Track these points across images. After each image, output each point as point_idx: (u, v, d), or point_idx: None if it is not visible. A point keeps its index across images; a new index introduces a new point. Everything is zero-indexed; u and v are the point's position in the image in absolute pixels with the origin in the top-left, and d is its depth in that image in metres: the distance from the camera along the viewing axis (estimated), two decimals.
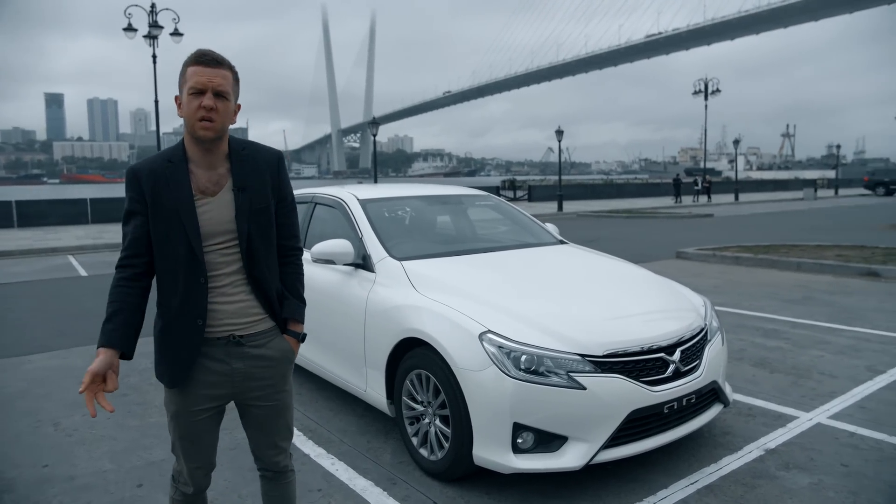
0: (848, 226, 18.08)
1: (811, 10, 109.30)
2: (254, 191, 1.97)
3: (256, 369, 2.03)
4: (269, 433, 2.14)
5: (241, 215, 1.94)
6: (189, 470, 2.08)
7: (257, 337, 2.03)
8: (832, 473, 3.20)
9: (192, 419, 2.02)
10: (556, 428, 2.80)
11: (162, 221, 1.89)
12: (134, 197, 1.91)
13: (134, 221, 1.91)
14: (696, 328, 3.34)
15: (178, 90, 1.90)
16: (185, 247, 1.90)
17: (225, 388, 2.02)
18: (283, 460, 2.21)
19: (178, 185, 1.89)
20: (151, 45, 22.58)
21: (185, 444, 2.05)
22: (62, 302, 8.29)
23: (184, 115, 1.88)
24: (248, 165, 1.99)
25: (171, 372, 1.97)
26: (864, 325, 6.16)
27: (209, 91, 1.84)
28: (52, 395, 4.61)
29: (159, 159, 1.94)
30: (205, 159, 1.94)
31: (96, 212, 22.13)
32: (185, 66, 1.88)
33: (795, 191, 46.22)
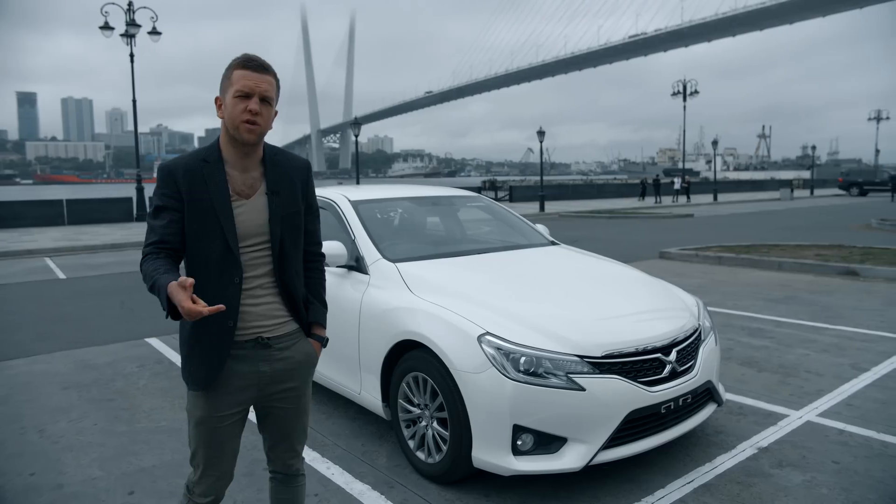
0: (825, 225, 18.41)
1: (785, 14, 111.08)
2: (286, 195, 2.00)
3: (282, 372, 2.03)
4: (288, 436, 2.14)
5: (275, 219, 1.96)
6: (210, 480, 2.04)
7: (283, 339, 2.02)
8: (824, 471, 3.24)
9: (218, 425, 1.98)
10: (555, 429, 2.80)
11: (197, 220, 1.88)
12: (168, 193, 1.89)
13: (167, 216, 1.88)
14: (691, 328, 3.37)
15: (221, 92, 1.92)
16: (221, 246, 1.89)
17: (250, 392, 2.01)
18: (297, 463, 2.21)
19: (215, 184, 1.90)
20: (129, 43, 22.26)
21: (209, 452, 2.01)
22: (41, 305, 8.12)
23: (226, 116, 1.89)
24: (281, 171, 2.01)
25: (200, 374, 1.94)
26: (846, 324, 6.26)
27: (255, 95, 1.86)
28: (35, 400, 4.51)
29: (194, 158, 1.93)
30: (241, 162, 1.95)
31: (73, 213, 21.71)
32: (231, 69, 1.89)
33: (772, 191, 46.92)
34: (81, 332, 6.53)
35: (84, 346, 5.98)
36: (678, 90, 39.71)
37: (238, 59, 1.90)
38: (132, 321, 7.05)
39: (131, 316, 7.35)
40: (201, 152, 1.95)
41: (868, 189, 40.94)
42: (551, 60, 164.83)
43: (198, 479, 2.04)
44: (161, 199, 1.89)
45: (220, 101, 1.92)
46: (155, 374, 5.06)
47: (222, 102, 1.91)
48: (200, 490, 2.05)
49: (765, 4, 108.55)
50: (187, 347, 1.97)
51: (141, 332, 6.44)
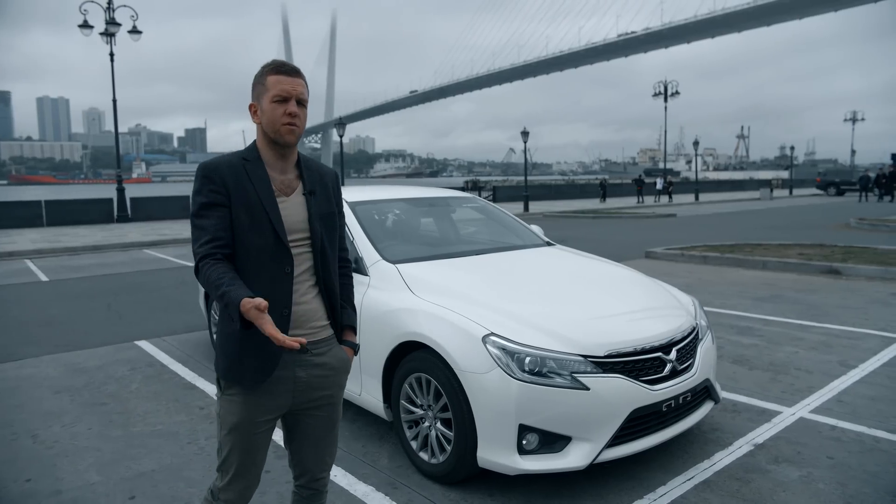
0: (805, 225, 18.70)
1: (763, 16, 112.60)
2: (322, 196, 2.04)
3: (317, 378, 2.02)
4: (320, 447, 2.11)
5: (314, 217, 2.00)
6: (239, 487, 2.00)
7: (320, 345, 2.02)
8: (819, 466, 3.30)
9: (255, 431, 1.96)
10: (560, 428, 2.83)
11: (245, 213, 1.89)
12: (215, 189, 1.89)
13: (216, 213, 1.88)
14: (689, 327, 3.41)
15: (255, 99, 1.96)
16: (270, 237, 1.91)
17: (285, 398, 1.99)
18: (326, 477, 2.18)
19: (259, 180, 1.93)
20: (109, 42, 21.95)
21: (243, 459, 1.97)
22: (25, 309, 7.99)
23: (265, 121, 1.93)
24: (315, 174, 2.06)
25: (256, 368, 1.91)
26: (831, 322, 6.38)
27: (293, 98, 1.92)
28: (25, 405, 4.44)
29: (234, 157, 1.96)
30: (278, 163, 1.99)
31: (52, 214, 21.36)
32: (264, 75, 1.93)
33: (752, 191, 47.57)
34: (69, 336, 6.44)
35: (72, 349, 5.90)
36: (659, 91, 40.09)
37: (270, 66, 1.95)
38: (120, 324, 6.96)
39: (119, 319, 7.25)
40: (240, 153, 1.99)
41: (845, 189, 41.69)
42: (533, 61, 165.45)
43: (226, 484, 2.00)
44: (208, 196, 1.89)
45: (256, 107, 1.96)
46: (147, 378, 5.01)
47: (258, 108, 1.95)
48: (227, 497, 2.01)
49: (742, 6, 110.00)
50: (237, 344, 1.91)
51: (130, 335, 6.36)
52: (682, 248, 11.76)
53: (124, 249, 15.01)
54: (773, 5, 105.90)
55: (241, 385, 1.94)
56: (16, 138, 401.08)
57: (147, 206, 23.41)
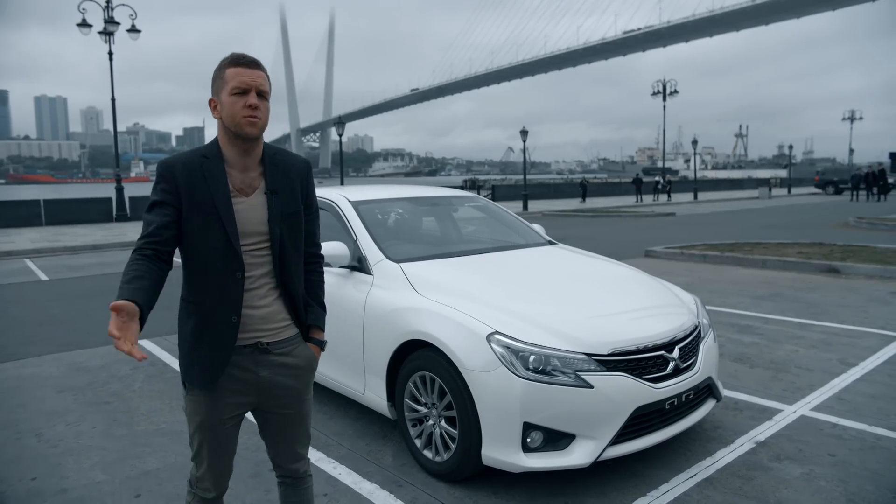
0: (804, 223, 18.74)
1: (761, 15, 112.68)
2: (285, 195, 1.99)
3: (282, 377, 2.03)
4: (290, 441, 2.14)
5: (274, 218, 1.95)
6: (214, 475, 2.07)
7: (283, 344, 2.02)
8: (821, 463, 3.32)
9: (221, 427, 2.00)
10: (564, 426, 2.84)
11: (199, 214, 1.87)
12: (166, 188, 1.88)
13: (162, 210, 1.87)
14: (691, 326, 3.43)
15: (215, 93, 1.92)
16: (222, 240, 1.88)
17: (251, 396, 2.01)
18: (303, 466, 2.21)
19: (214, 179, 1.89)
20: (107, 41, 21.93)
21: (213, 454, 2.03)
22: (26, 308, 7.99)
23: (224, 115, 1.89)
24: (280, 170, 2.01)
25: (204, 372, 1.93)
26: (831, 320, 6.40)
27: (252, 90, 1.87)
28: (28, 405, 4.45)
29: (194, 154, 1.94)
30: (240, 160, 1.94)
31: (50, 213, 21.35)
32: (222, 68, 1.90)
33: (750, 189, 47.61)
34: (70, 335, 6.45)
35: (74, 348, 5.91)
36: (658, 90, 40.15)
37: (228, 58, 1.90)
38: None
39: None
40: (201, 149, 1.95)
41: (843, 188, 41.71)
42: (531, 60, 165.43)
43: (202, 474, 2.07)
44: (158, 195, 1.88)
45: (216, 102, 1.91)
46: (150, 377, 5.02)
47: (217, 103, 1.91)
48: (206, 485, 2.08)
49: (740, 6, 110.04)
50: (189, 346, 1.95)
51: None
52: (682, 247, 11.79)
53: (124, 248, 15.00)
54: (771, 4, 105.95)
55: (192, 385, 1.97)
56: (13, 137, 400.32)
57: (146, 205, 23.34)
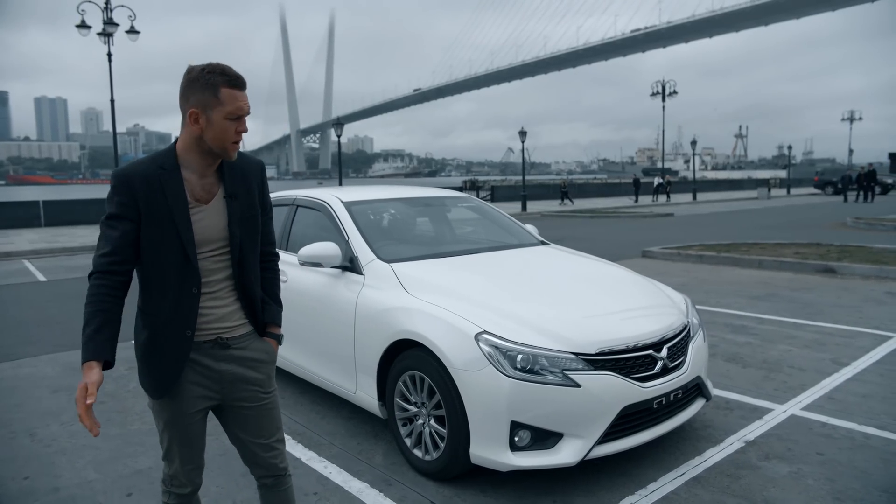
0: (802, 224, 18.76)
1: (760, 16, 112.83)
2: (244, 198, 2.01)
3: (243, 370, 2.06)
4: (263, 434, 2.14)
5: (234, 223, 1.97)
6: (186, 472, 2.09)
7: (241, 339, 2.06)
8: (809, 462, 3.34)
9: (187, 423, 2.02)
10: (551, 425, 2.86)
11: (155, 228, 1.86)
12: (124, 201, 1.85)
13: (122, 226, 1.85)
14: (680, 325, 3.45)
15: (200, 106, 1.85)
16: (178, 254, 1.89)
17: (213, 390, 2.04)
18: (282, 461, 2.21)
19: (173, 193, 1.88)
20: (106, 42, 21.95)
21: (183, 449, 2.05)
22: (24, 309, 8.02)
23: (211, 133, 1.87)
24: (237, 173, 2.02)
25: (156, 383, 1.96)
26: (825, 320, 6.42)
27: (245, 116, 1.90)
28: (24, 405, 4.47)
29: (151, 165, 1.89)
30: (201, 168, 1.94)
31: (49, 214, 21.42)
32: (216, 86, 1.84)
33: (749, 190, 47.65)
34: (67, 336, 6.46)
35: (70, 349, 5.92)
36: (657, 91, 40.18)
37: (222, 77, 1.85)
38: None
39: None
40: (158, 159, 1.91)
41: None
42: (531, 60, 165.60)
43: (174, 472, 2.09)
44: (116, 208, 1.85)
45: (198, 115, 1.85)
46: None
47: (203, 117, 1.85)
48: (178, 482, 2.10)
49: (740, 6, 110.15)
50: (142, 355, 1.96)
51: (127, 335, 6.28)
52: (679, 248, 11.81)
53: None
54: (771, 5, 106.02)
55: (151, 394, 1.99)
56: (13, 138, 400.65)
57: None
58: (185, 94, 1.88)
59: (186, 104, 1.87)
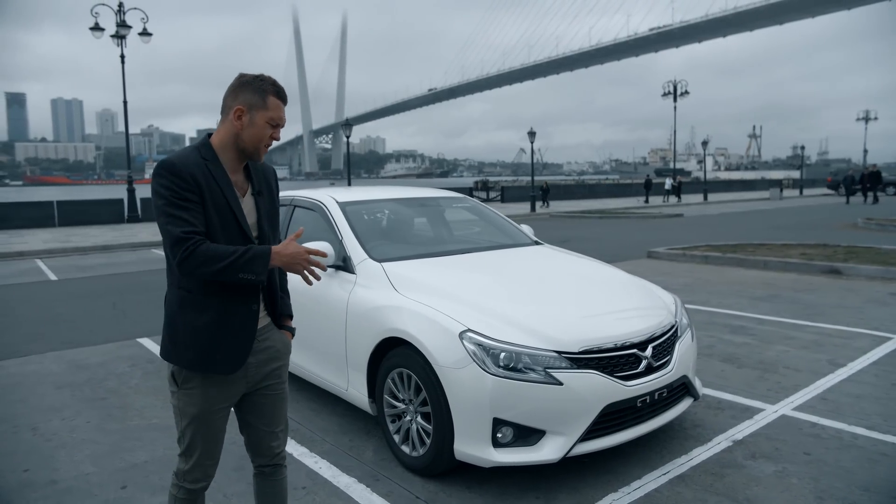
0: (812, 225, 18.62)
1: (774, 15, 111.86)
2: (266, 196, 2.16)
3: (264, 360, 2.17)
4: (273, 423, 2.25)
5: (262, 217, 2.13)
6: (204, 468, 2.15)
7: (262, 331, 2.16)
8: (795, 461, 3.36)
9: (213, 417, 2.09)
10: (534, 422, 2.91)
11: (216, 214, 1.98)
12: (187, 186, 1.92)
13: (194, 207, 1.92)
14: (667, 325, 3.48)
15: (247, 107, 2.01)
16: (239, 236, 2.02)
17: (241, 384, 2.13)
18: (283, 449, 2.31)
19: (223, 181, 2.01)
20: (119, 44, 22.22)
21: (206, 444, 2.11)
22: (33, 307, 8.17)
23: (249, 133, 2.02)
24: (260, 174, 2.17)
25: (230, 358, 2.04)
26: (825, 321, 6.40)
27: (280, 126, 2.08)
28: (27, 400, 4.58)
29: (195, 155, 2.00)
30: (232, 164, 2.07)
31: (63, 214, 21.69)
32: (266, 92, 2.02)
33: (762, 191, 47.30)
34: (73, 333, 6.59)
35: (76, 346, 6.04)
36: (668, 91, 40.00)
37: (272, 87, 2.04)
38: (124, 322, 7.11)
39: (123, 317, 7.40)
40: (198, 151, 2.01)
41: (855, 189, 41.32)
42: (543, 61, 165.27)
43: (190, 468, 2.13)
44: (181, 194, 1.91)
45: (243, 113, 2.01)
46: (147, 374, 5.13)
47: (247, 116, 2.01)
48: (193, 477, 2.15)
49: (753, 6, 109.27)
50: (208, 336, 2.00)
51: (133, 333, 6.50)
52: (684, 248, 11.78)
53: (133, 249, 15.22)
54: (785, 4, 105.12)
55: (212, 372, 2.04)
56: (31, 139, 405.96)
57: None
58: (235, 94, 2.03)
59: (234, 102, 2.02)
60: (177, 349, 2.04)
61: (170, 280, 2.06)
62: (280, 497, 2.34)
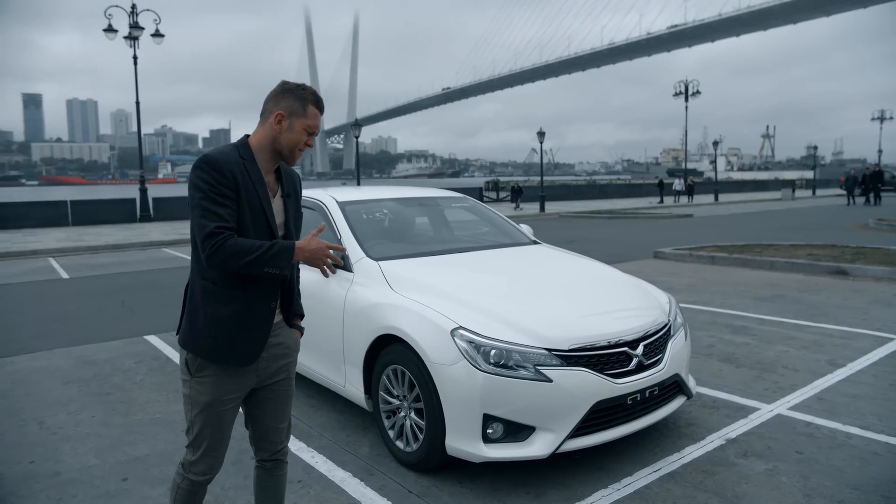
0: (822, 225, 18.49)
1: (788, 14, 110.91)
2: (294, 199, 2.25)
3: (275, 357, 2.24)
4: (278, 419, 2.32)
5: (290, 219, 2.21)
6: (210, 460, 2.20)
7: (275, 328, 2.23)
8: (786, 460, 3.38)
9: (223, 408, 2.15)
10: (524, 418, 2.95)
11: (249, 211, 2.06)
12: (224, 182, 1.99)
13: (229, 203, 1.99)
14: (660, 324, 3.51)
15: (288, 112, 2.10)
16: (268, 235, 2.09)
17: (251, 378, 2.20)
18: (285, 445, 2.38)
19: (259, 180, 2.10)
20: (132, 46, 22.47)
21: (214, 435, 2.17)
22: (44, 304, 8.31)
23: (286, 138, 2.11)
24: (289, 178, 2.26)
25: (247, 351, 2.11)
26: (828, 322, 6.39)
27: (315, 135, 2.18)
28: (35, 394, 4.68)
29: (233, 153, 2.07)
30: (267, 166, 2.16)
31: (77, 214, 21.96)
32: (307, 101, 2.12)
33: (774, 191, 46.96)
34: (82, 330, 6.71)
35: (84, 343, 6.16)
36: (680, 90, 39.81)
37: (313, 97, 2.13)
38: (132, 319, 7.22)
39: (131, 314, 7.52)
40: (237, 150, 2.09)
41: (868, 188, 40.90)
42: (554, 61, 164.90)
43: (197, 458, 2.19)
44: (218, 188, 1.98)
45: (283, 118, 2.10)
46: (152, 370, 5.23)
47: (287, 122, 2.10)
48: (200, 469, 2.20)
49: (767, 5, 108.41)
50: (229, 328, 2.07)
51: (140, 330, 6.61)
52: (691, 249, 11.76)
53: (144, 248, 15.40)
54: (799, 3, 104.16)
55: (227, 364, 2.11)
56: (46, 140, 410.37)
57: (168, 205, 23.89)
58: (277, 99, 2.12)
59: (276, 107, 2.11)
60: (195, 338, 2.10)
61: (195, 270, 2.11)
62: (278, 491, 2.40)
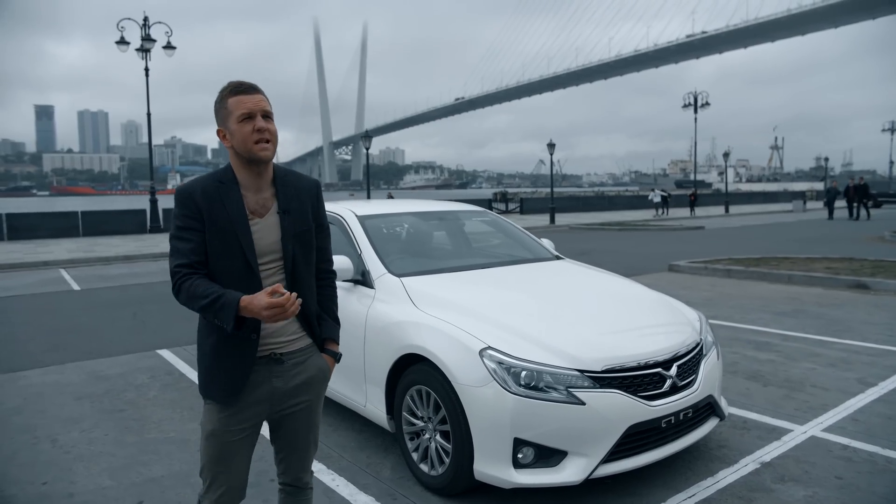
0: (836, 237, 18.28)
1: (796, 25, 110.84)
2: (297, 214, 2.07)
3: (295, 387, 2.09)
4: (300, 448, 2.20)
5: (287, 237, 2.03)
6: (217, 494, 2.05)
7: (296, 354, 2.09)
8: (826, 486, 3.24)
9: (229, 439, 2.02)
10: (555, 443, 2.84)
11: (217, 238, 1.95)
12: (189, 214, 1.95)
13: (192, 236, 1.94)
14: (692, 343, 3.39)
15: (221, 123, 2.00)
16: (241, 263, 1.96)
17: (263, 406, 2.06)
18: (307, 476, 2.26)
19: (232, 203, 1.97)
20: (144, 58, 22.62)
21: (216, 467, 2.04)
22: (55, 316, 8.26)
23: (236, 143, 1.97)
24: (291, 191, 2.09)
25: (224, 387, 1.99)
26: (853, 338, 6.24)
27: (258, 113, 1.95)
28: (48, 411, 4.60)
29: (210, 180, 2.01)
30: (254, 183, 2.03)
31: (87, 225, 22.03)
32: (224, 99, 1.98)
33: (784, 202, 46.67)
34: (94, 344, 6.64)
35: (96, 357, 6.08)
36: (689, 102, 39.70)
37: (227, 89, 1.99)
38: (144, 332, 7.15)
39: (143, 327, 7.45)
40: (216, 174, 2.03)
41: (882, 201, 40.63)
42: (563, 72, 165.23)
43: (205, 491, 2.08)
44: (183, 221, 1.95)
45: (224, 132, 2.00)
46: (165, 386, 5.14)
47: (226, 132, 1.99)
48: (209, 502, 2.08)
49: (775, 16, 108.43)
50: (209, 361, 2.01)
51: (152, 344, 6.53)
52: (706, 262, 11.61)
53: (155, 259, 15.37)
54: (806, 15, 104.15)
55: (209, 399, 2.03)
56: (58, 150, 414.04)
57: None
58: (215, 120, 2.02)
59: (217, 127, 2.02)
60: (198, 370, 2.08)
61: None
62: None
